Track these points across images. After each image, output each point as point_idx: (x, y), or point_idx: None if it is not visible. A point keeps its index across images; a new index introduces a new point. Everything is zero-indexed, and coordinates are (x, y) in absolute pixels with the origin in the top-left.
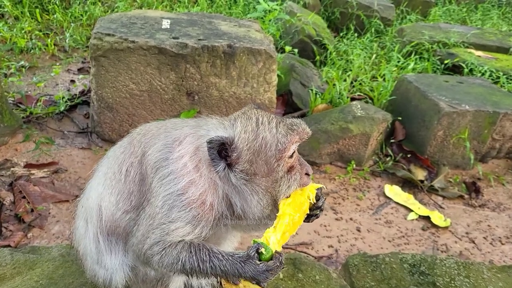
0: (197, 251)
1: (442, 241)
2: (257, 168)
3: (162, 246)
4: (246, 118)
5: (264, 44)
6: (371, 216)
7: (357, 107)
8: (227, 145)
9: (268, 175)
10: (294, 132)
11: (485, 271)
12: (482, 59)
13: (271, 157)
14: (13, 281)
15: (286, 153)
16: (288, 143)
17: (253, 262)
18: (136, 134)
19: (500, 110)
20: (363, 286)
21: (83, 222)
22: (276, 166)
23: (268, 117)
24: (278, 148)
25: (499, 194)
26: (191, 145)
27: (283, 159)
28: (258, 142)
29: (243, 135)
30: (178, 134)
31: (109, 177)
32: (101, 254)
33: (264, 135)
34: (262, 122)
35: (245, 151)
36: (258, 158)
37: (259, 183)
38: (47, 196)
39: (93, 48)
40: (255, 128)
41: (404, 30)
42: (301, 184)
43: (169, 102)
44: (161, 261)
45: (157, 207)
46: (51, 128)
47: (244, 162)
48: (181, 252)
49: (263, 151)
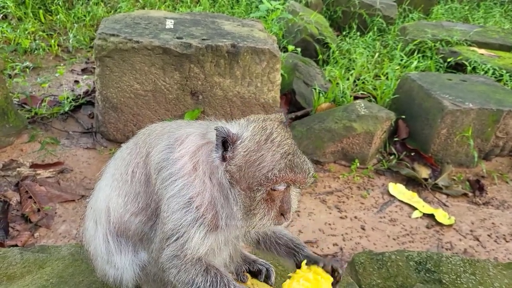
0: (213, 282)
1: (446, 239)
2: (241, 177)
3: (180, 262)
4: (261, 127)
5: (268, 43)
6: (376, 214)
7: (360, 105)
8: (229, 141)
9: (247, 190)
10: (291, 173)
11: (491, 268)
12: (485, 57)
13: (257, 177)
14: (23, 280)
15: (271, 185)
16: (279, 179)
17: None
18: (141, 134)
19: (504, 108)
20: (369, 283)
21: (92, 223)
22: (256, 189)
23: (283, 139)
24: (267, 176)
25: (503, 191)
26: (192, 145)
27: (266, 187)
28: (256, 156)
29: (246, 142)
30: (180, 134)
31: (116, 178)
32: (111, 254)
33: (265, 154)
34: (272, 141)
35: (240, 155)
36: (247, 169)
37: (239, 193)
38: (53, 196)
39: (97, 48)
40: (262, 142)
41: (407, 29)
42: (275, 222)
43: (173, 102)
44: (178, 276)
45: (164, 211)
46: (56, 129)
47: (234, 165)
48: (197, 276)
49: (254, 167)
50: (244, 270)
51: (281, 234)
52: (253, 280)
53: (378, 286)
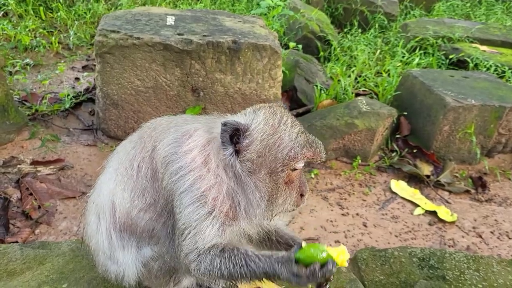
0: (231, 257)
1: (449, 236)
2: (263, 162)
3: (196, 254)
4: (271, 112)
5: (269, 39)
6: (378, 211)
7: (362, 102)
8: (241, 132)
9: (270, 174)
10: (311, 149)
11: (495, 265)
12: (487, 53)
13: (279, 159)
14: (24, 276)
15: (294, 163)
16: (300, 155)
17: (289, 263)
18: (146, 128)
19: (506, 104)
20: (372, 280)
21: (95, 217)
22: (280, 171)
23: (293, 121)
24: (289, 155)
25: (505, 188)
26: (201, 138)
27: (289, 167)
28: (273, 139)
29: (261, 126)
30: (188, 128)
31: (121, 172)
32: (113, 249)
33: (282, 136)
34: (285, 123)
35: (258, 141)
36: (267, 153)
37: (262, 178)
38: (54, 192)
39: (98, 45)
40: (276, 125)
41: (408, 26)
42: (295, 202)
43: (174, 99)
44: (197, 268)
45: (176, 207)
46: (57, 126)
47: (253, 152)
48: (215, 259)
49: (275, 149)
50: None
51: (283, 233)
52: None
53: (381, 282)
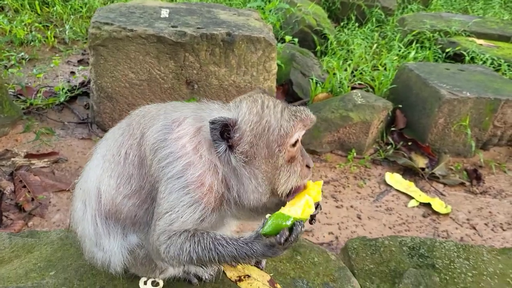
0: (200, 240)
1: (443, 228)
2: (257, 150)
3: (167, 235)
4: (252, 100)
5: (264, 32)
6: (372, 203)
7: (357, 95)
8: (230, 126)
9: (268, 159)
10: (297, 119)
11: (485, 253)
12: (484, 47)
13: (273, 141)
14: (12, 264)
15: (288, 139)
16: (291, 129)
17: (259, 239)
18: (135, 115)
19: (502, 97)
20: (362, 268)
21: (81, 204)
22: (277, 152)
23: (274, 101)
24: (281, 133)
25: (500, 181)
26: (191, 127)
27: (285, 146)
28: (261, 125)
29: (247, 117)
30: (178, 115)
31: (108, 159)
32: (99, 236)
33: (269, 119)
34: (267, 106)
35: (247, 132)
36: (259, 141)
37: (258, 166)
38: (47, 185)
39: (91, 37)
40: (260, 111)
41: (406, 20)
42: (301, 176)
43: (168, 91)
44: (166, 251)
45: (160, 192)
46: (51, 119)
47: (245, 144)
48: (184, 242)
49: (266, 134)
50: None
51: None
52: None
53: (370, 271)
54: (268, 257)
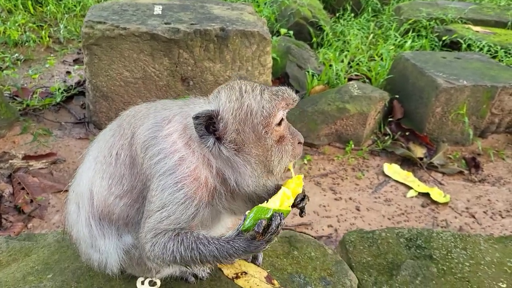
0: (184, 239)
1: (442, 217)
2: (245, 136)
3: (153, 233)
4: (229, 88)
5: (258, 26)
6: (371, 195)
7: (353, 86)
8: (214, 118)
9: (257, 142)
10: (278, 98)
11: (482, 243)
12: (480, 34)
13: (258, 124)
14: (9, 267)
15: (272, 119)
16: (273, 109)
17: (241, 235)
18: (125, 116)
19: (498, 84)
20: (359, 261)
21: (75, 207)
22: (264, 133)
23: (252, 85)
24: (264, 115)
25: (499, 168)
26: (180, 124)
27: (270, 126)
28: (243, 110)
29: (227, 105)
30: (167, 113)
31: (100, 161)
32: (94, 238)
33: (249, 103)
34: (246, 90)
35: (231, 120)
36: (245, 126)
37: (249, 151)
38: (46, 186)
39: (84, 36)
40: (239, 97)
41: (402, 8)
42: (294, 154)
43: (164, 89)
44: (151, 249)
45: (152, 189)
46: (48, 120)
47: (232, 132)
48: (168, 242)
49: (249, 118)
50: None
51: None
52: (240, 261)
53: (368, 263)
54: (252, 252)
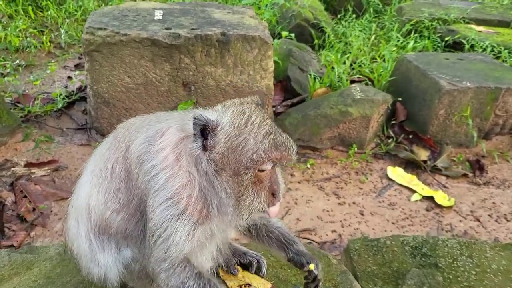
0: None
1: (446, 221)
2: (226, 164)
3: (170, 264)
4: (239, 111)
5: (259, 30)
6: (374, 199)
7: (356, 89)
8: (209, 129)
9: (235, 175)
10: (277, 152)
11: (488, 250)
12: (483, 34)
13: (243, 161)
14: (11, 282)
15: (258, 166)
16: (265, 159)
17: None
18: (120, 128)
19: (502, 85)
20: (364, 270)
21: (74, 221)
22: (243, 174)
23: (261, 120)
24: (252, 158)
25: (503, 170)
26: (174, 136)
27: (253, 169)
28: (238, 140)
29: (227, 128)
30: (160, 126)
31: (96, 174)
32: (94, 252)
33: (247, 137)
34: (252, 123)
35: (222, 143)
36: (231, 155)
37: (226, 180)
38: (48, 194)
39: (85, 43)
40: (242, 125)
41: (403, 9)
42: (265, 203)
43: (165, 94)
44: (167, 280)
45: (149, 206)
46: (50, 126)
47: (216, 153)
48: (188, 279)
49: (239, 151)
50: (235, 262)
51: (274, 227)
52: (244, 272)
53: (373, 272)
54: None
